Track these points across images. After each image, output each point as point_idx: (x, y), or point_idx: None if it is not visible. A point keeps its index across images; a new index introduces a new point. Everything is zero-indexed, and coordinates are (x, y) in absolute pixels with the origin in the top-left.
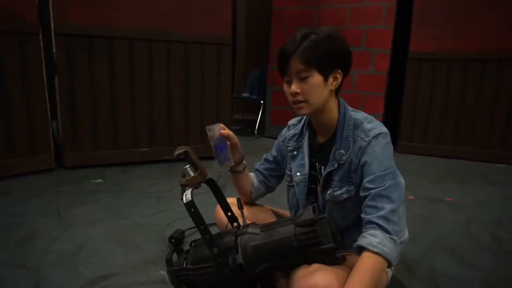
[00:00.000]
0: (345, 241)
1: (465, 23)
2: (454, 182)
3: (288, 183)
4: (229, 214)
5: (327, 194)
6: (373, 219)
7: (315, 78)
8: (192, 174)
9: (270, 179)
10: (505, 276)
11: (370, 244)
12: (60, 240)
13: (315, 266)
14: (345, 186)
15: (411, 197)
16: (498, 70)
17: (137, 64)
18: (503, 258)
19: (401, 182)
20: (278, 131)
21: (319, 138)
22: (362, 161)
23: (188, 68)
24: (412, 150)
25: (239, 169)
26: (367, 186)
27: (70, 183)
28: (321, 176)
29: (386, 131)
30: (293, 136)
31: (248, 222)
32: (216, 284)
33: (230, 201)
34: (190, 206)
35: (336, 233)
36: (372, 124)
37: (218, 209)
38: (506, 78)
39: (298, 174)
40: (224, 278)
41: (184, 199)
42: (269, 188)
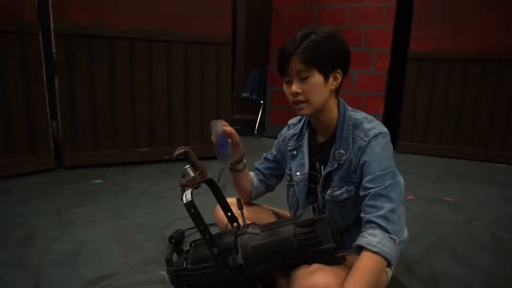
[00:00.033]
0: (345, 241)
1: (465, 23)
2: (454, 182)
3: (288, 183)
4: (229, 214)
5: (327, 194)
6: (372, 219)
7: (316, 78)
8: (192, 174)
9: (270, 178)
10: (505, 276)
11: (370, 243)
12: (60, 240)
13: (315, 266)
14: (344, 186)
15: (411, 197)
16: (498, 70)
17: (137, 64)
18: (503, 258)
19: (400, 181)
20: (278, 131)
21: (319, 138)
22: (362, 160)
23: (188, 68)
24: (412, 150)
25: (239, 167)
26: (367, 185)
27: (70, 183)
28: (321, 176)
29: (386, 131)
30: (292, 135)
31: (248, 222)
32: (216, 284)
33: (230, 201)
34: (190, 206)
35: (336, 233)
36: (371, 124)
37: (218, 209)
38: (506, 78)
39: (298, 173)
40: (224, 278)
41: (184, 200)
42: (268, 187)
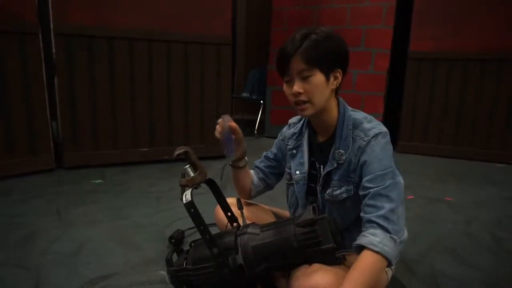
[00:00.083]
0: (345, 241)
1: (465, 23)
2: (454, 182)
3: (287, 181)
4: (229, 214)
5: (327, 194)
6: (372, 218)
7: (318, 77)
8: (192, 174)
9: (270, 177)
10: (505, 276)
11: (371, 243)
12: (60, 240)
13: (315, 266)
14: (344, 186)
15: (411, 197)
16: (498, 70)
17: (137, 64)
18: (503, 258)
19: (400, 181)
20: (278, 131)
21: (319, 137)
22: (362, 160)
23: (188, 68)
24: (412, 150)
25: (241, 164)
26: (367, 185)
27: (70, 183)
28: (320, 175)
29: (386, 131)
30: (292, 134)
31: (248, 222)
32: (216, 284)
33: (230, 201)
34: (190, 206)
35: (336, 233)
36: (371, 123)
37: (218, 209)
38: (506, 78)
39: (298, 172)
40: (224, 278)
41: (184, 200)
42: (268, 185)
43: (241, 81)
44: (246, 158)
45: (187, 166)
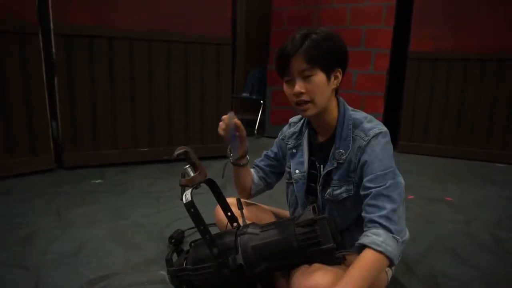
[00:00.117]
0: (345, 241)
1: (465, 23)
2: (454, 182)
3: (287, 180)
4: (229, 214)
5: (327, 193)
6: (374, 218)
7: (319, 77)
8: (192, 174)
9: (270, 176)
10: (505, 276)
11: (374, 243)
12: (60, 240)
13: (315, 266)
14: (344, 186)
15: (411, 197)
16: (498, 70)
17: (137, 64)
18: (503, 258)
19: (401, 181)
20: (278, 131)
21: (319, 137)
22: (362, 160)
23: (188, 68)
24: (412, 150)
25: (243, 162)
26: (368, 185)
27: (70, 183)
28: (320, 175)
29: (386, 131)
30: (292, 134)
31: (248, 222)
32: (216, 284)
33: (230, 201)
34: (190, 206)
35: (336, 233)
36: (371, 123)
37: (218, 209)
38: (506, 78)
39: (297, 171)
40: (224, 278)
41: (184, 200)
42: (268, 184)
43: (241, 81)
44: (247, 156)
45: (187, 166)
